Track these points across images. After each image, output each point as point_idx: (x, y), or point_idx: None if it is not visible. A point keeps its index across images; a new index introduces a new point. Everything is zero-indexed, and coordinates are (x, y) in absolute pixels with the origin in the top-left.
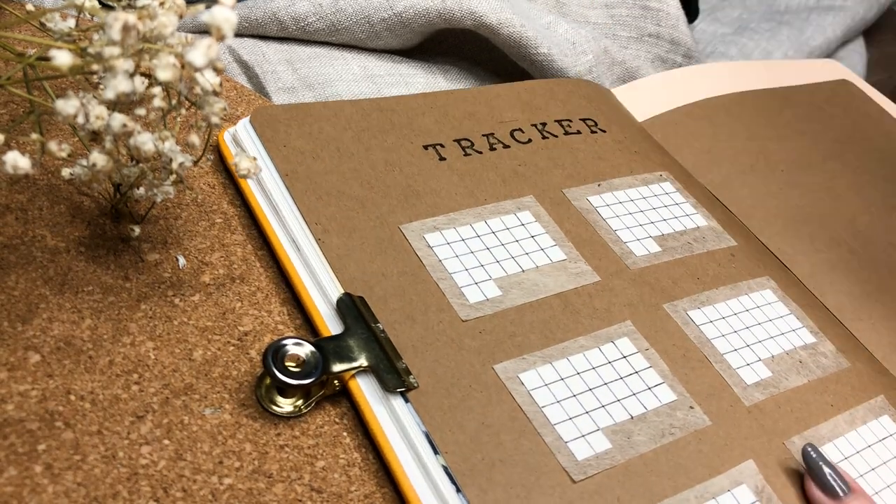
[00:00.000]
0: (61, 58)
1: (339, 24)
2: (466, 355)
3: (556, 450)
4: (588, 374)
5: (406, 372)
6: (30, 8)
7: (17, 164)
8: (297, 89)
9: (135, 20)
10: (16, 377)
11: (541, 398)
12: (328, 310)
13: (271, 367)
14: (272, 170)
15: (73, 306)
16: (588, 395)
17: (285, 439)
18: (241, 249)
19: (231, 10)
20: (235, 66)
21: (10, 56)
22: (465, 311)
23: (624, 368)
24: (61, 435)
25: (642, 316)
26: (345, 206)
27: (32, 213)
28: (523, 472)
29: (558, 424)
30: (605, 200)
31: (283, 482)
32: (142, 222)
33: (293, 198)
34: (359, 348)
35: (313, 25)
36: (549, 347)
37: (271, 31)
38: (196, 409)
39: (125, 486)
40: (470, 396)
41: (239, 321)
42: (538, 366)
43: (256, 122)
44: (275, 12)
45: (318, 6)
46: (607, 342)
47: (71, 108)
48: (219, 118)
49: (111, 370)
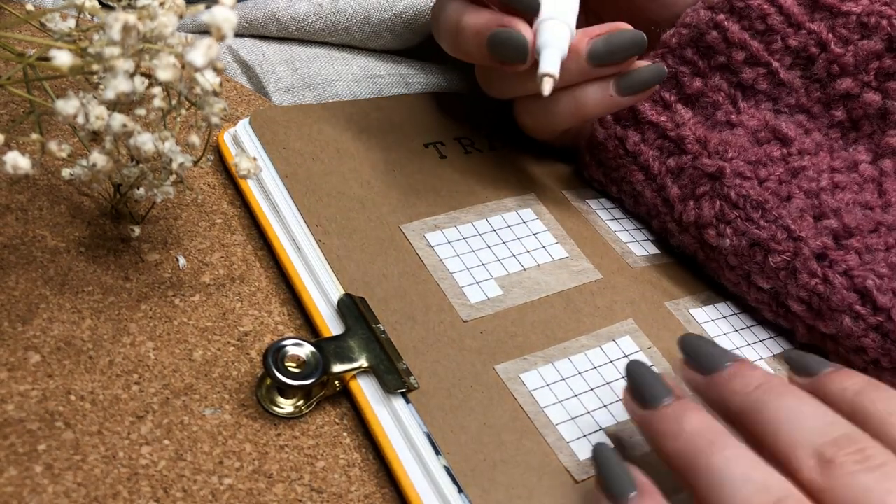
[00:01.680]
0: (61, 58)
1: (340, 25)
2: (467, 356)
3: (558, 450)
4: (590, 374)
5: (407, 373)
6: (30, 8)
7: (17, 164)
8: (297, 89)
9: (135, 20)
10: (16, 377)
11: (542, 398)
12: (328, 310)
13: (272, 367)
14: (272, 171)
15: (73, 306)
16: (590, 395)
17: (285, 439)
18: (241, 250)
19: (231, 10)
20: (235, 66)
21: (10, 56)
22: (466, 311)
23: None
24: (61, 435)
25: (644, 314)
26: (345, 206)
27: (32, 213)
28: (525, 473)
29: (560, 424)
30: (602, 204)
31: (284, 482)
32: (142, 222)
33: (293, 199)
34: (359, 349)
35: (313, 26)
36: (551, 347)
37: (271, 32)
38: (196, 409)
39: (125, 487)
40: (471, 397)
41: (239, 321)
42: (539, 366)
43: (256, 123)
44: (275, 12)
45: (318, 6)
46: (609, 341)
47: (71, 108)
48: (219, 118)
49: (111, 370)
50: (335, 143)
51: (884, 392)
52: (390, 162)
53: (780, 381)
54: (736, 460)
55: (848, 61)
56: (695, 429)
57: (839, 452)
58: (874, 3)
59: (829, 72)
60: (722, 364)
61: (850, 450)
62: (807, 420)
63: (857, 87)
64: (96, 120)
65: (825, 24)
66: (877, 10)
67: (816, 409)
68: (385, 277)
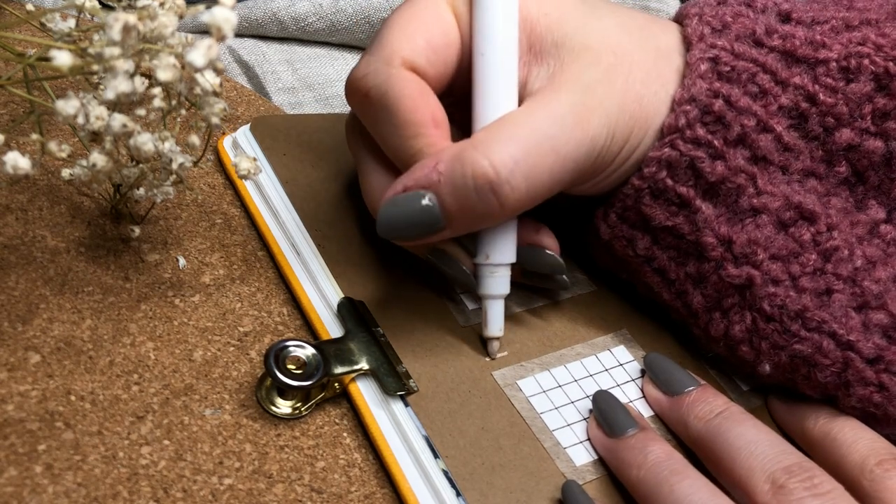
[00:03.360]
0: (61, 58)
1: (340, 25)
2: (466, 361)
3: (555, 455)
4: (585, 382)
5: (406, 376)
6: (30, 8)
7: (17, 164)
8: (297, 89)
9: (135, 20)
10: (16, 377)
11: (539, 404)
12: (328, 313)
13: (273, 368)
14: (272, 177)
15: (73, 307)
16: (586, 402)
17: (285, 440)
18: (241, 250)
19: (231, 11)
20: (235, 66)
21: (10, 56)
22: (464, 317)
23: (620, 376)
24: (61, 435)
25: (638, 323)
26: (345, 213)
27: (32, 213)
28: (523, 477)
29: (556, 430)
30: None
31: (283, 482)
32: (142, 223)
33: (293, 204)
34: (359, 351)
35: (313, 26)
36: (547, 355)
37: (271, 32)
38: (196, 409)
39: (125, 487)
40: (469, 401)
41: (239, 322)
42: (536, 373)
43: (256, 130)
44: (275, 12)
45: (318, 6)
46: (604, 350)
47: (71, 109)
48: (219, 118)
49: (111, 370)
50: (334, 152)
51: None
52: None
53: (739, 409)
54: (697, 490)
55: (842, 110)
56: (658, 459)
57: (791, 479)
58: (848, 46)
59: (825, 126)
60: (685, 388)
61: (801, 477)
62: (762, 448)
63: (856, 137)
64: (96, 120)
65: (808, 76)
66: (854, 52)
67: (771, 438)
68: (385, 282)
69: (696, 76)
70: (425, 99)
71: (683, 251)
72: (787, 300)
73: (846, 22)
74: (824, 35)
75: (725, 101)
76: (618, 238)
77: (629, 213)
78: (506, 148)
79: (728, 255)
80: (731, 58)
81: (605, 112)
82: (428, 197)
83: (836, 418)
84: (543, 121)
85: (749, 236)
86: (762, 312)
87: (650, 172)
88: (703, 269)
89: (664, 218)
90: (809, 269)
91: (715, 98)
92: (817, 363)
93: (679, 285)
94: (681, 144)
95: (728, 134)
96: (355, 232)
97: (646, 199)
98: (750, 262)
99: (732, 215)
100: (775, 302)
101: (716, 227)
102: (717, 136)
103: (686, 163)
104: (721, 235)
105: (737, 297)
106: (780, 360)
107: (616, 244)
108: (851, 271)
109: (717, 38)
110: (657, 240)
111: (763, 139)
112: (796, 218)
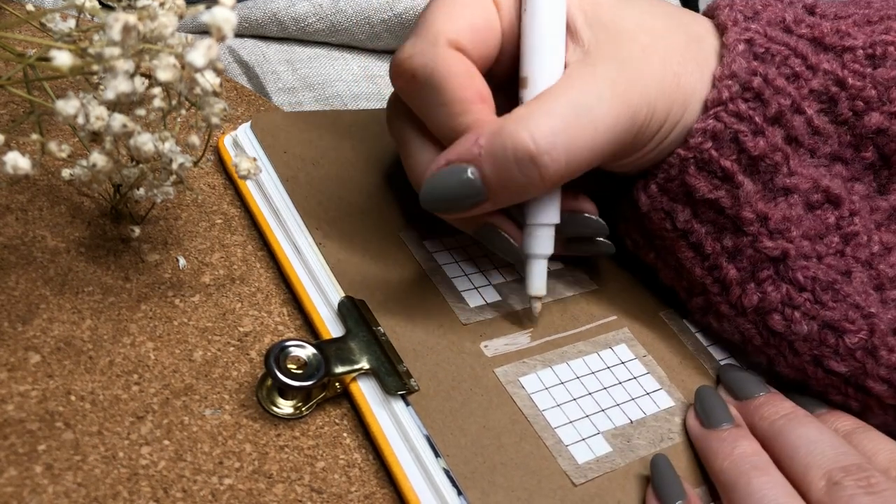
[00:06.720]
0: (61, 58)
1: (339, 25)
2: (467, 359)
3: (557, 453)
4: (588, 379)
5: (407, 375)
6: (30, 8)
7: (17, 164)
8: (297, 89)
9: (135, 21)
10: (16, 377)
11: (541, 402)
12: (328, 312)
13: (273, 368)
14: (273, 175)
15: (73, 307)
16: (588, 399)
17: (285, 440)
18: (241, 250)
19: (231, 11)
20: (236, 66)
21: (10, 56)
22: (466, 315)
23: (622, 374)
24: (61, 435)
25: (639, 323)
26: (345, 211)
27: (32, 213)
28: (525, 476)
29: (559, 428)
30: None
31: (284, 483)
32: (142, 223)
33: (294, 203)
34: (360, 351)
35: (313, 26)
36: (549, 352)
37: (271, 32)
38: (196, 409)
39: (125, 487)
40: (471, 400)
41: (239, 322)
42: (538, 369)
43: (257, 128)
44: (275, 13)
45: (318, 7)
46: (605, 348)
47: (71, 109)
48: (219, 119)
49: (111, 371)
50: (335, 150)
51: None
52: (389, 173)
53: (804, 413)
54: (773, 488)
55: (870, 94)
56: (744, 453)
57: (847, 477)
58: (872, 35)
59: (854, 109)
60: (756, 393)
61: (857, 476)
62: (822, 447)
63: (885, 121)
64: (96, 120)
65: (836, 62)
66: (878, 40)
67: (833, 440)
68: (385, 281)
69: (734, 54)
70: (471, 77)
71: (720, 226)
72: (818, 273)
73: (867, 17)
74: (848, 27)
75: (763, 80)
76: (656, 210)
77: (671, 184)
78: (545, 121)
79: (763, 230)
80: (765, 40)
81: (644, 86)
82: (470, 170)
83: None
84: (580, 93)
85: (783, 213)
86: (796, 283)
87: (696, 143)
88: (740, 243)
89: (707, 190)
90: (833, 250)
91: (754, 76)
92: (846, 330)
93: (714, 258)
94: (725, 117)
95: (767, 111)
96: (356, 230)
97: (690, 169)
98: (784, 236)
99: (767, 192)
100: (808, 274)
101: (754, 203)
102: (757, 112)
103: (730, 135)
104: (759, 211)
105: (771, 269)
106: (812, 331)
107: (654, 216)
108: (868, 256)
109: (751, 23)
110: (696, 213)
111: (797, 120)
112: (822, 201)
